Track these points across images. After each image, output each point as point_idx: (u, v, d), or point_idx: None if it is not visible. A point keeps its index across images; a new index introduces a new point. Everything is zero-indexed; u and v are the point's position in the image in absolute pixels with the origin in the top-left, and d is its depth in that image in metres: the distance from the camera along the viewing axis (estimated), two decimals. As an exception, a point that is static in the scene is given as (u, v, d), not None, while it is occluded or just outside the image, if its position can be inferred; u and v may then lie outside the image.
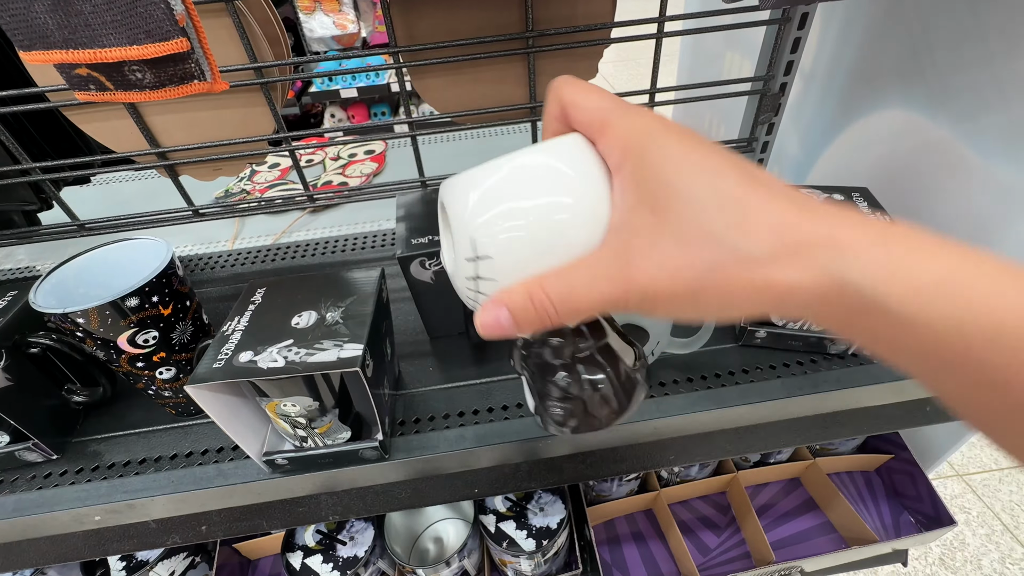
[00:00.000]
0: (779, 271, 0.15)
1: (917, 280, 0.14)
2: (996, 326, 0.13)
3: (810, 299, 0.15)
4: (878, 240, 0.14)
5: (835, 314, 0.15)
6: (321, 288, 0.38)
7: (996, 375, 0.13)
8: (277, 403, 0.33)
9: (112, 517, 0.36)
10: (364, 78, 2.17)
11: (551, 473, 0.39)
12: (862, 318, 0.15)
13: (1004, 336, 0.13)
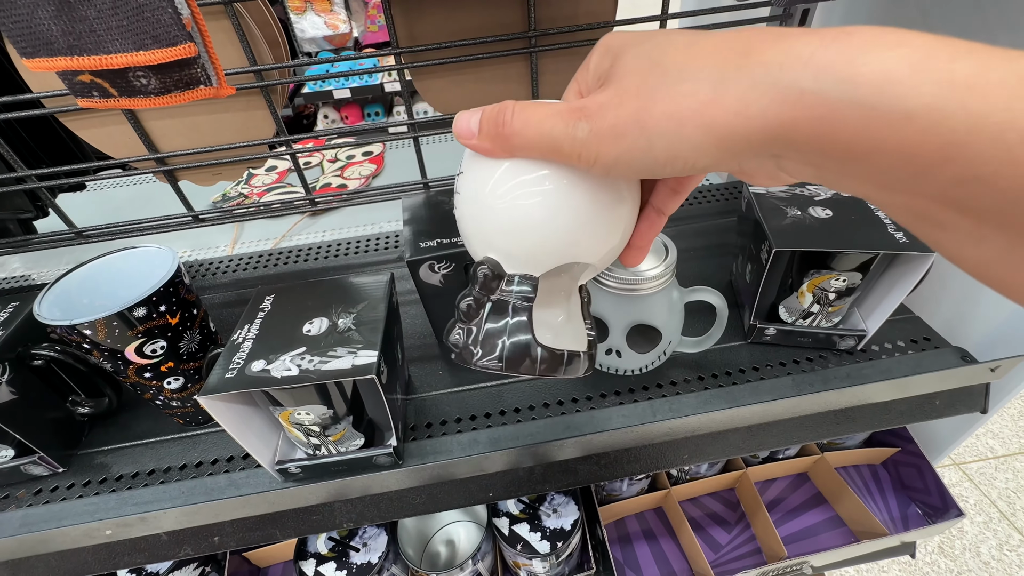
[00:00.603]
0: (726, 89, 0.14)
1: (886, 70, 0.12)
2: (983, 112, 0.11)
3: (765, 118, 0.14)
4: (831, 39, 0.13)
5: (797, 133, 0.13)
6: (331, 294, 0.37)
7: (984, 168, 0.11)
8: (291, 412, 0.33)
9: (123, 531, 0.35)
10: (358, 79, 2.16)
11: (565, 475, 0.39)
12: (826, 126, 0.13)
13: (990, 122, 0.11)
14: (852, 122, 0.12)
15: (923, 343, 0.44)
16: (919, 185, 0.12)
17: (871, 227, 0.38)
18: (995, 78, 0.11)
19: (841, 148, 0.13)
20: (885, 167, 0.13)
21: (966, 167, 0.11)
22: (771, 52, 0.14)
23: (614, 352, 0.39)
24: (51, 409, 0.40)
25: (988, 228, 0.12)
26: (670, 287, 0.37)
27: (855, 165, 0.13)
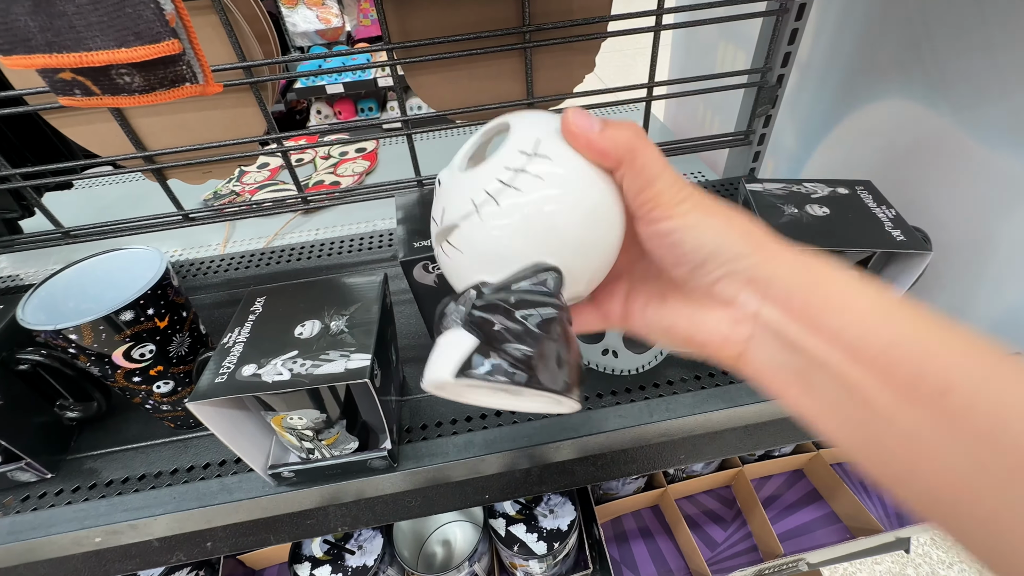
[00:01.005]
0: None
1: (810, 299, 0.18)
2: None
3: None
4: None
5: (803, 293, 0.18)
6: (323, 295, 0.37)
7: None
8: (283, 416, 0.32)
9: (113, 538, 0.34)
10: (350, 73, 2.14)
11: (562, 476, 0.39)
12: (822, 300, 0.18)
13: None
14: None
15: (919, 341, 0.44)
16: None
17: (869, 225, 0.38)
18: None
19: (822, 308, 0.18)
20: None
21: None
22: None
23: (610, 352, 0.39)
24: (38, 414, 0.39)
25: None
26: (667, 287, 0.37)
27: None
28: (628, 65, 3.14)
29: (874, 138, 0.55)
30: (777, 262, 0.19)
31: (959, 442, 0.15)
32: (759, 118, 0.63)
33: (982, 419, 0.15)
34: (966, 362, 0.16)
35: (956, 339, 0.16)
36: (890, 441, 0.16)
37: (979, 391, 0.15)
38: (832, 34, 0.59)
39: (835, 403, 0.18)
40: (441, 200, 0.21)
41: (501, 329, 0.18)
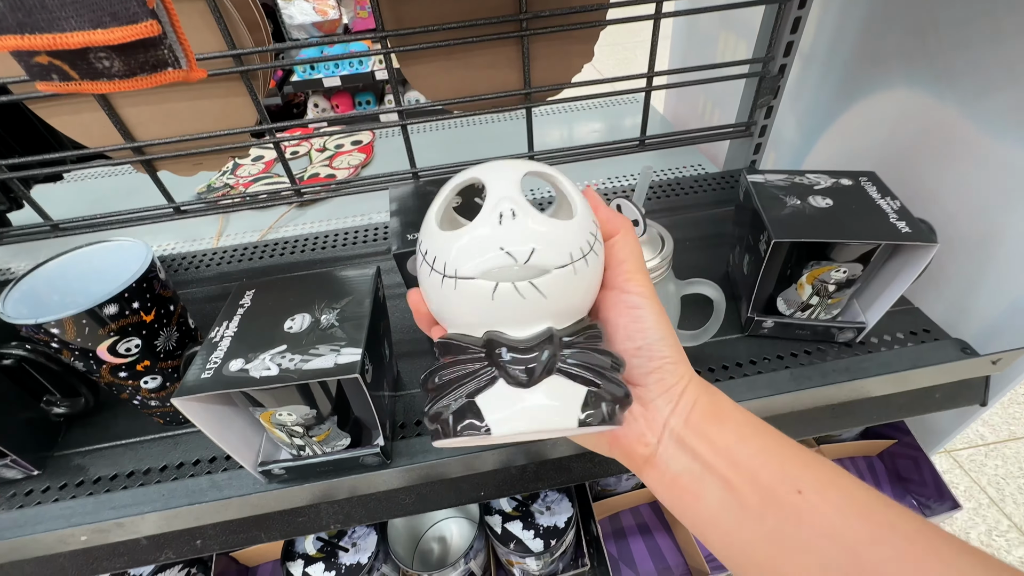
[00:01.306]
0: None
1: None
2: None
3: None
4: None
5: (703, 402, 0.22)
6: (314, 289, 0.36)
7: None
8: (272, 412, 0.31)
9: (100, 536, 0.34)
10: (348, 66, 2.11)
11: (559, 473, 0.38)
12: (713, 411, 0.22)
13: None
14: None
15: (923, 335, 0.43)
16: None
17: (873, 217, 0.37)
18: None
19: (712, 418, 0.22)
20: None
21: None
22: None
23: (608, 347, 0.38)
24: (24, 410, 0.38)
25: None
26: (666, 280, 0.36)
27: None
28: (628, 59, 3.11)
29: (878, 129, 0.54)
30: (691, 376, 0.22)
31: (809, 541, 0.18)
32: (761, 109, 0.62)
33: (827, 519, 0.18)
34: (814, 469, 0.20)
35: (806, 452, 0.20)
36: (759, 543, 0.19)
37: (824, 494, 0.19)
38: (835, 23, 0.58)
39: (720, 508, 0.20)
40: (498, 238, 0.19)
41: (597, 376, 0.20)
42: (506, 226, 0.19)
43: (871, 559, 0.17)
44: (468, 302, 0.20)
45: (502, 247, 0.19)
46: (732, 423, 0.21)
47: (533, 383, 0.20)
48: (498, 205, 0.19)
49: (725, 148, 0.71)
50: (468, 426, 0.19)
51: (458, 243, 0.20)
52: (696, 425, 0.21)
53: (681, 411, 0.21)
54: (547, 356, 0.20)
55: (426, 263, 0.21)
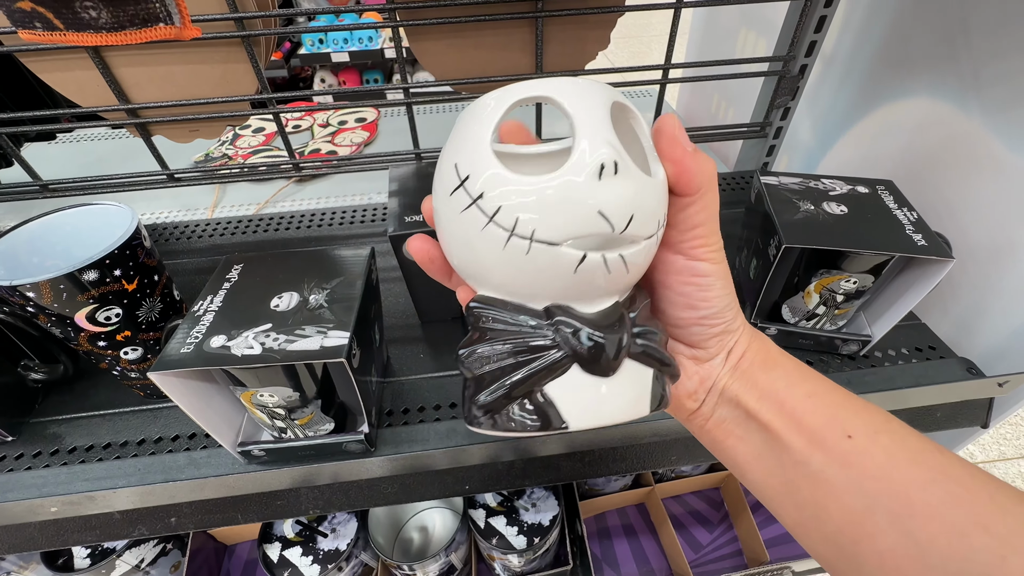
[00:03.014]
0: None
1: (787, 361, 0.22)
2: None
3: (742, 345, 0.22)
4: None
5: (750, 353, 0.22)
6: (305, 267, 0.34)
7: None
8: (253, 393, 0.30)
9: (71, 508, 0.33)
10: (357, 42, 2.08)
11: (547, 471, 0.37)
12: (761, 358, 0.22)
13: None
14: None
15: (928, 352, 0.42)
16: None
17: (888, 227, 0.36)
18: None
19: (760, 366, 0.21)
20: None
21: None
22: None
23: (606, 345, 0.37)
24: (1, 373, 0.37)
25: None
26: (670, 279, 0.35)
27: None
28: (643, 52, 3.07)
29: (897, 137, 0.52)
30: (743, 327, 0.22)
31: (857, 482, 0.18)
32: (777, 109, 0.60)
33: (876, 462, 0.18)
34: (864, 415, 0.19)
35: (855, 399, 0.20)
36: (803, 484, 0.19)
37: (874, 439, 0.18)
38: (861, 24, 0.56)
39: (762, 450, 0.20)
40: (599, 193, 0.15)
41: (661, 356, 0.19)
42: (606, 183, 0.15)
43: (922, 501, 0.17)
44: (539, 270, 0.16)
45: (601, 211, 0.15)
46: (781, 369, 0.21)
47: (613, 370, 0.17)
48: (598, 152, 0.15)
49: (737, 148, 0.69)
50: (543, 422, 0.17)
51: (541, 196, 0.15)
52: (745, 372, 0.21)
53: (731, 362, 0.21)
54: (626, 338, 0.17)
55: (478, 208, 0.16)
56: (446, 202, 0.17)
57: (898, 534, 0.17)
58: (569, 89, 0.16)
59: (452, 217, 0.17)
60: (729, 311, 0.21)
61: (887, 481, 0.17)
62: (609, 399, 0.17)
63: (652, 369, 0.18)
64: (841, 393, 0.20)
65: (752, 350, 0.21)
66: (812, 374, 0.21)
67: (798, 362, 0.21)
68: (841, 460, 0.18)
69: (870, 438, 0.18)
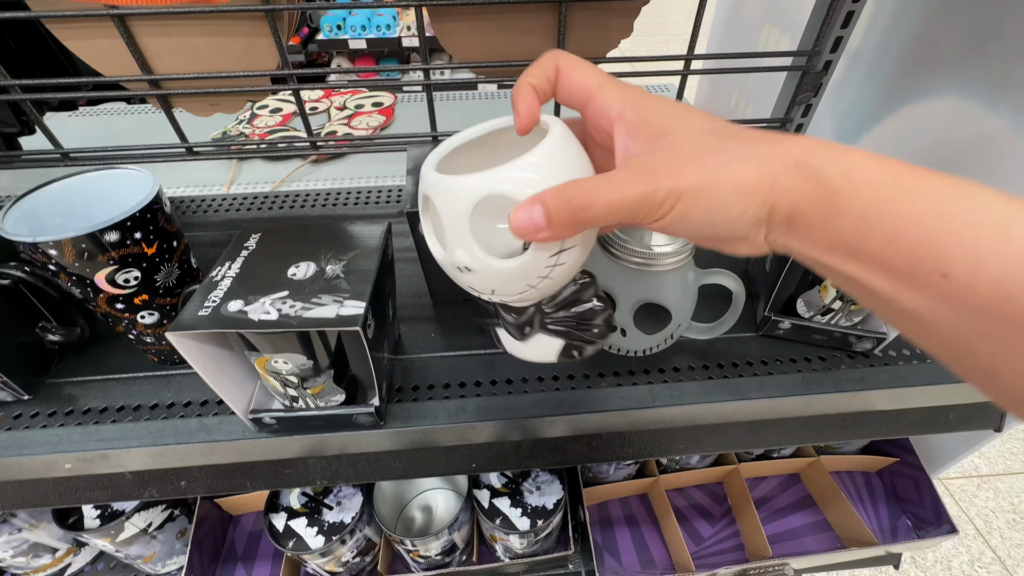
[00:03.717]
0: (762, 164, 0.18)
1: (867, 175, 0.17)
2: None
3: (788, 188, 0.18)
4: (837, 148, 0.18)
5: (804, 205, 0.18)
6: (322, 239, 0.34)
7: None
8: (268, 359, 0.30)
9: (84, 466, 0.33)
10: (375, 29, 2.08)
11: (554, 453, 0.37)
12: (820, 207, 0.18)
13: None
14: (832, 201, 0.18)
15: (943, 353, 0.41)
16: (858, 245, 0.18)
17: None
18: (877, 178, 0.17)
19: (819, 220, 0.18)
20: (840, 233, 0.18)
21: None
22: (789, 144, 0.19)
23: (618, 330, 0.37)
24: (18, 333, 0.38)
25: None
26: (686, 267, 0.35)
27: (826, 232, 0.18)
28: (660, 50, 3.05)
29: (921, 137, 0.52)
30: (769, 185, 0.19)
31: (960, 315, 0.16)
32: (799, 106, 0.59)
33: (982, 296, 0.15)
34: (967, 239, 0.16)
35: (959, 212, 0.16)
36: (892, 315, 0.18)
37: (978, 270, 0.15)
38: (889, 21, 0.55)
39: (852, 290, 0.19)
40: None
41: (562, 332, 0.26)
42: (466, 275, 0.23)
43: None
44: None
45: (470, 286, 0.24)
46: (849, 217, 0.17)
47: (526, 339, 0.27)
48: (456, 257, 0.22)
49: (756, 144, 0.68)
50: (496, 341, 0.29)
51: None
52: (803, 233, 0.18)
53: (779, 226, 0.19)
54: (528, 327, 0.26)
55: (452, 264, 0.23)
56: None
57: (1007, 358, 0.15)
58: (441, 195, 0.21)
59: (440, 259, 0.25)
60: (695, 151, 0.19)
61: (994, 313, 0.15)
62: (527, 349, 0.27)
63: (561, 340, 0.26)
64: (936, 215, 0.16)
65: (804, 205, 0.18)
66: (900, 194, 0.17)
67: (881, 178, 0.17)
68: (937, 299, 0.16)
69: (973, 272, 0.15)
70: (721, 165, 0.19)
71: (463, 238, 0.21)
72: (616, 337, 0.37)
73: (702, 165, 0.19)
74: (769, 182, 0.18)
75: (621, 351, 0.39)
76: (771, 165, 0.18)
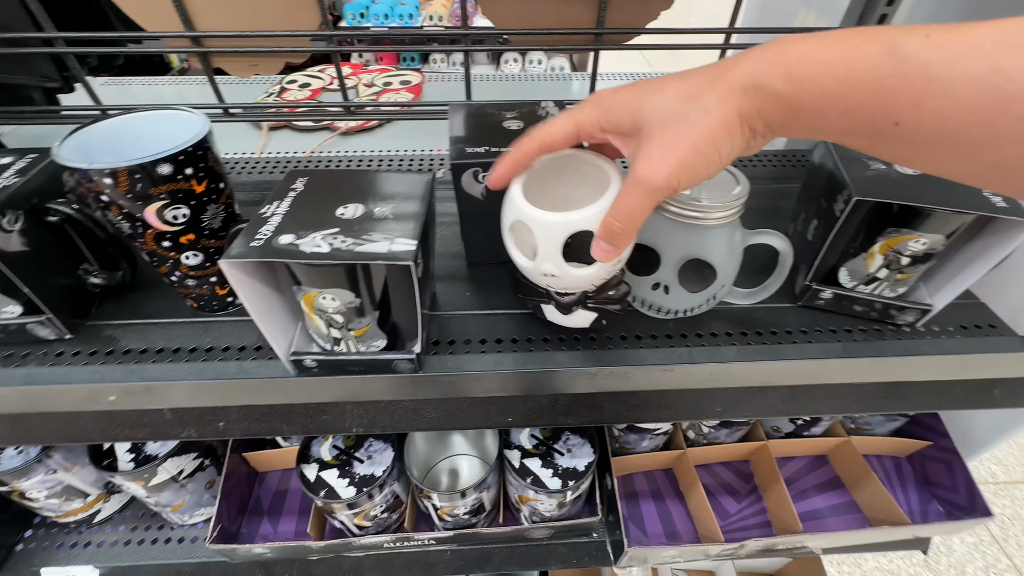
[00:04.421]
0: (720, 107, 0.22)
1: (807, 70, 0.20)
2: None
3: (750, 110, 0.22)
4: (774, 53, 0.21)
5: (769, 116, 0.22)
6: (368, 184, 0.34)
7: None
8: (316, 295, 0.30)
9: (127, 399, 0.34)
10: (397, 19, 2.08)
11: (590, 411, 0.37)
12: (781, 111, 0.21)
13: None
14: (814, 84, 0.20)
15: (987, 329, 0.41)
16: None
17: (964, 188, 0.34)
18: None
19: (786, 119, 0.22)
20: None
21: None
22: (732, 74, 0.22)
23: (661, 287, 0.36)
24: (63, 274, 0.38)
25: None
26: (734, 225, 0.34)
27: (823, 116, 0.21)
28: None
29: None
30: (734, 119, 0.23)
31: (924, 148, 0.19)
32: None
33: (929, 130, 0.18)
34: (903, 90, 0.18)
35: (888, 69, 0.18)
36: (882, 156, 0.22)
37: (920, 111, 0.18)
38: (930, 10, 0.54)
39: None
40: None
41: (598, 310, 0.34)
42: (551, 279, 0.31)
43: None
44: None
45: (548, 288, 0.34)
46: (806, 111, 0.21)
47: (570, 313, 0.34)
48: (543, 267, 0.30)
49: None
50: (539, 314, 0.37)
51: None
52: (781, 130, 0.22)
53: (762, 134, 0.23)
54: (574, 306, 0.33)
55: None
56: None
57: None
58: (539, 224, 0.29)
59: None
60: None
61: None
62: (567, 319, 0.35)
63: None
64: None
65: (769, 117, 0.22)
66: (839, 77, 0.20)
67: (826, 68, 0.20)
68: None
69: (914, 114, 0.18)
70: (691, 128, 0.22)
71: (555, 256, 0.29)
72: (659, 296, 0.37)
73: (677, 138, 0.23)
74: (735, 117, 0.22)
75: (662, 311, 0.38)
76: (728, 103, 0.22)
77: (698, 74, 0.23)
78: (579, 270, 0.29)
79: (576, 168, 0.32)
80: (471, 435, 0.57)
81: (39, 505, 0.48)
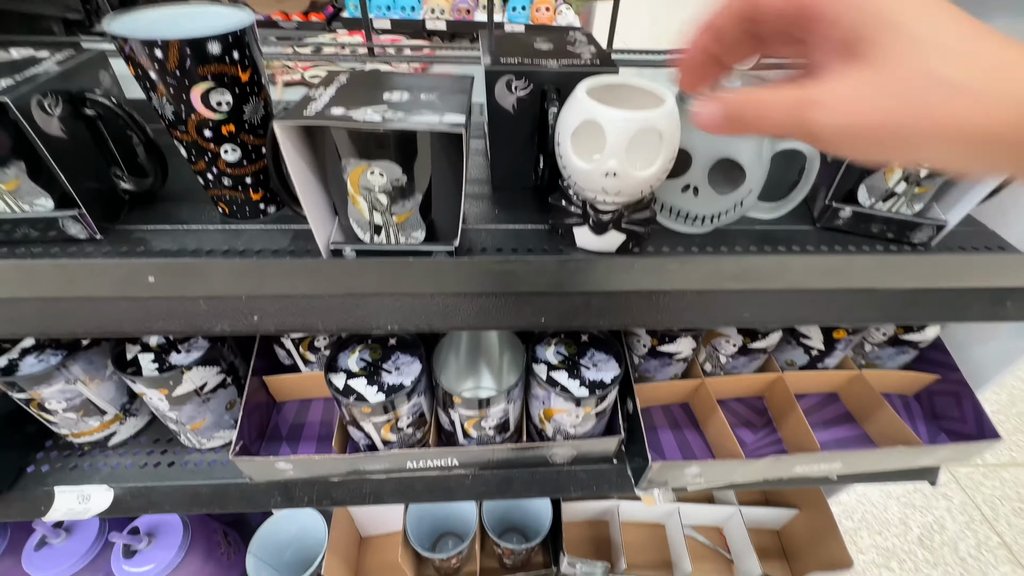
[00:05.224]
0: (996, 107, 0.15)
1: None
2: None
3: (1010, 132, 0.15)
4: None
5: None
6: (410, 80, 0.35)
7: None
8: (364, 170, 0.31)
9: (165, 283, 0.33)
10: (399, 10, 2.10)
11: (622, 311, 0.38)
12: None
13: None
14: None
15: (997, 251, 0.42)
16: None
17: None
18: None
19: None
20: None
21: None
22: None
23: (691, 189, 0.37)
24: (95, 172, 0.38)
25: None
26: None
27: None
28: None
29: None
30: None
31: None
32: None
33: None
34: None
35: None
36: None
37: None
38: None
39: None
40: None
41: (629, 231, 0.36)
42: (609, 179, 0.32)
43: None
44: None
45: (604, 188, 0.33)
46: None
47: (603, 233, 0.36)
48: (607, 165, 0.31)
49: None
50: (569, 240, 0.38)
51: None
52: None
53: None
54: (609, 225, 0.35)
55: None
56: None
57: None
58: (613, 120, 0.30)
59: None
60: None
61: None
62: (597, 241, 0.36)
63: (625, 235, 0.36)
64: None
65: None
66: None
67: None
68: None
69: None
70: (944, 107, 0.15)
71: (621, 152, 0.30)
72: (688, 199, 0.38)
73: (925, 104, 0.15)
74: (1012, 131, 0.15)
75: (689, 219, 0.39)
76: (1005, 107, 0.15)
77: (1001, 38, 0.16)
78: (639, 171, 0.31)
79: (628, 97, 0.33)
80: (496, 369, 0.57)
81: (56, 419, 0.47)
